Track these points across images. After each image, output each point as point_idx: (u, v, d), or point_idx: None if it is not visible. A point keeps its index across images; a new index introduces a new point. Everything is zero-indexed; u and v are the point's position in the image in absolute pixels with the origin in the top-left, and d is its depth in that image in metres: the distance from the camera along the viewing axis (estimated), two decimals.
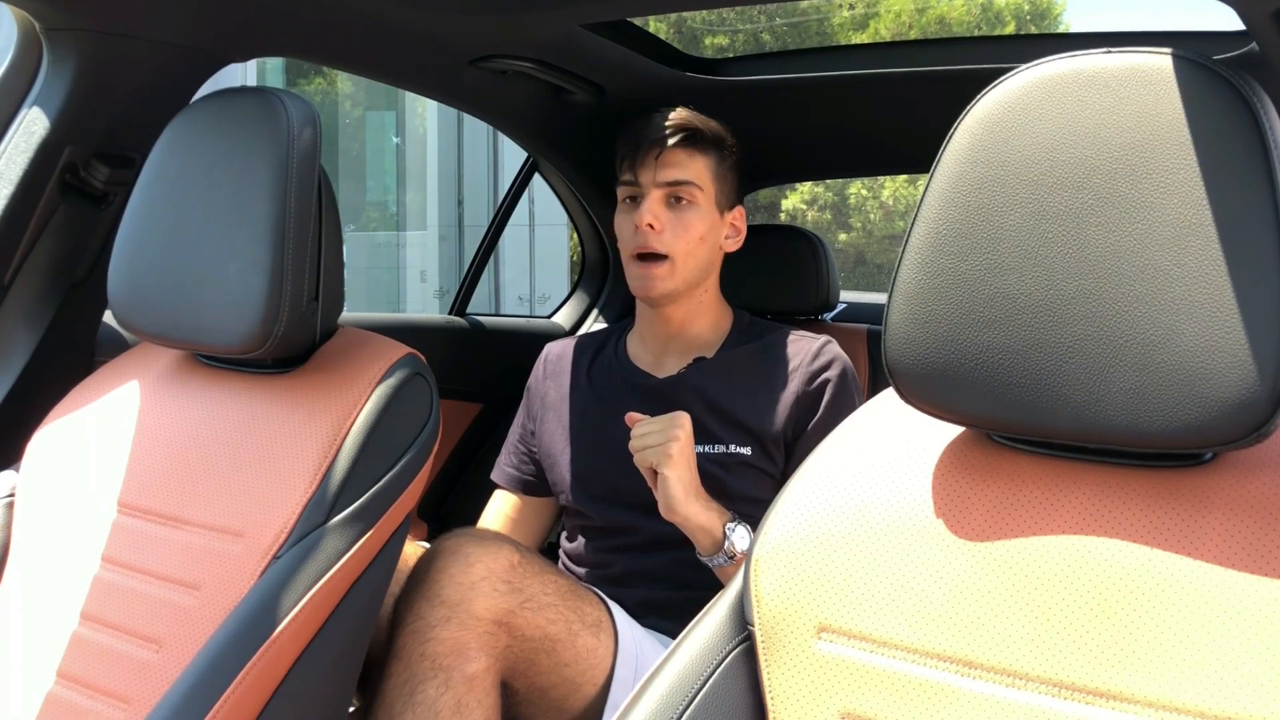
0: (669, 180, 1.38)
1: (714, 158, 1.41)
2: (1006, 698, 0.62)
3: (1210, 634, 0.58)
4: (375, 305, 8.75)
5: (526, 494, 1.52)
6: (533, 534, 1.53)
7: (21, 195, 1.22)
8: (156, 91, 1.27)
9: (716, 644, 0.73)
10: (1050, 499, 0.66)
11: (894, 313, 0.67)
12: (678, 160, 1.38)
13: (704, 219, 1.39)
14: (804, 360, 1.39)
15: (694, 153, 1.39)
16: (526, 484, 1.51)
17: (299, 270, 0.99)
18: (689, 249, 1.38)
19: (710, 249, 1.41)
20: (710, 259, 1.42)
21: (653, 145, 1.38)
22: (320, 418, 1.01)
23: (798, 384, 1.38)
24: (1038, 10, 13.43)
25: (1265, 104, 0.59)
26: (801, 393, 1.37)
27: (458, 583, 1.07)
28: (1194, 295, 0.57)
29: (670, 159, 1.38)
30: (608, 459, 1.40)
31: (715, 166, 1.41)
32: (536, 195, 7.53)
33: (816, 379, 1.37)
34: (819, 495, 0.74)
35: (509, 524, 1.51)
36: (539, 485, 1.50)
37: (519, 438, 1.53)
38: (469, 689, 1.05)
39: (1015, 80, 0.65)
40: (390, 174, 9.31)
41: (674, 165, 1.38)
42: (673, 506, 1.21)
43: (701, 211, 1.39)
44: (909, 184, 13.03)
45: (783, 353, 1.42)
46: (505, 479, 1.53)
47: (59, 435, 1.14)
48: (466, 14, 1.37)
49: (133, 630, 0.98)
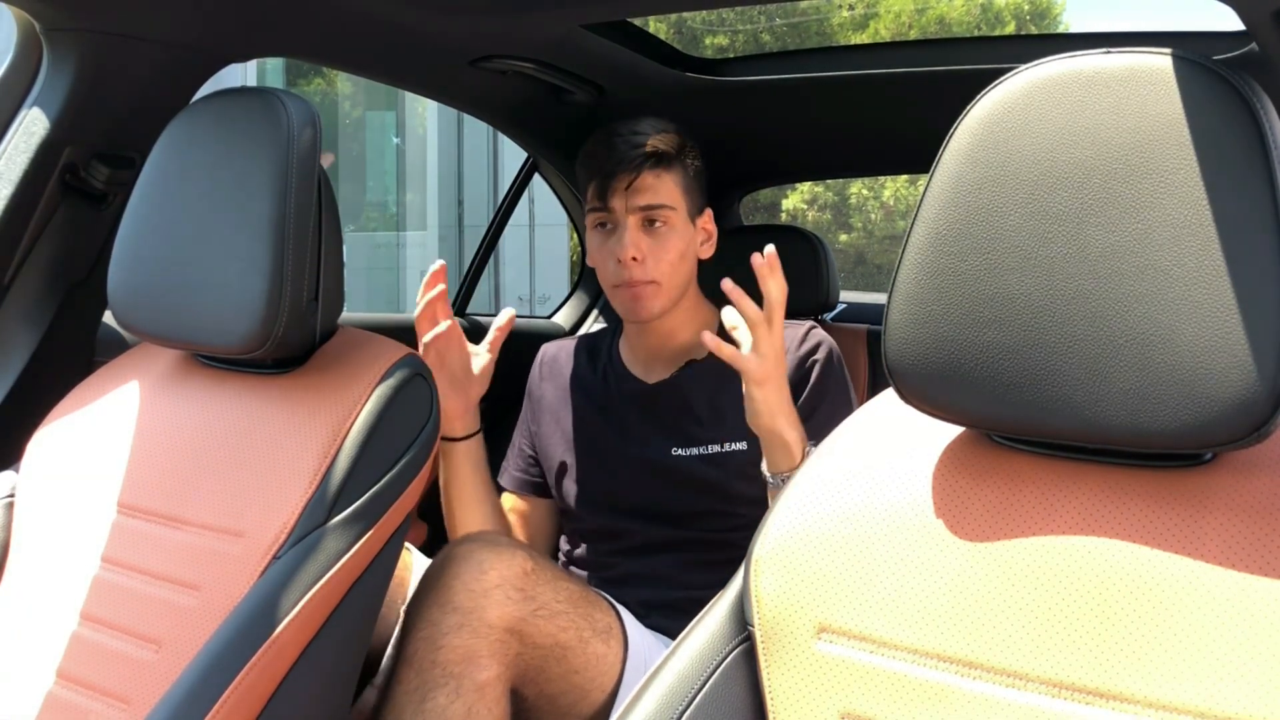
0: (642, 205, 1.35)
1: (679, 172, 1.38)
2: (1006, 698, 0.62)
3: (1210, 634, 0.58)
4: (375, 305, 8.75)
5: (536, 495, 1.51)
6: (545, 535, 1.52)
7: (21, 195, 1.22)
8: (156, 91, 1.27)
9: (716, 644, 0.73)
10: (1050, 499, 0.66)
11: (894, 313, 0.67)
12: (648, 184, 1.35)
13: (681, 237, 1.37)
14: (790, 347, 1.39)
15: (661, 173, 1.36)
16: (535, 486, 1.51)
17: (299, 270, 0.99)
18: (671, 269, 1.36)
19: (690, 262, 1.40)
20: (690, 270, 1.41)
21: (622, 173, 1.34)
22: (320, 418, 1.01)
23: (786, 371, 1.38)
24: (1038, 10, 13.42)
25: (1265, 104, 0.59)
26: (791, 379, 1.37)
27: (470, 590, 1.07)
28: (1194, 295, 0.57)
29: (641, 184, 1.35)
30: (602, 466, 1.41)
31: (683, 180, 1.38)
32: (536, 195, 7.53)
33: (804, 364, 1.37)
34: (818, 495, 0.74)
35: (520, 527, 1.51)
36: (546, 486, 1.50)
37: (524, 440, 1.53)
38: (479, 697, 1.05)
39: (1015, 80, 0.65)
40: (390, 174, 9.31)
41: (645, 190, 1.35)
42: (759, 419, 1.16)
43: (678, 230, 1.37)
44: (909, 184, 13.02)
45: None
46: (513, 483, 1.53)
47: (59, 435, 1.14)
48: (466, 14, 1.37)
49: (132, 630, 0.98)
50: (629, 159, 1.34)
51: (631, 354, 1.48)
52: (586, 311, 2.26)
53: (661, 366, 1.44)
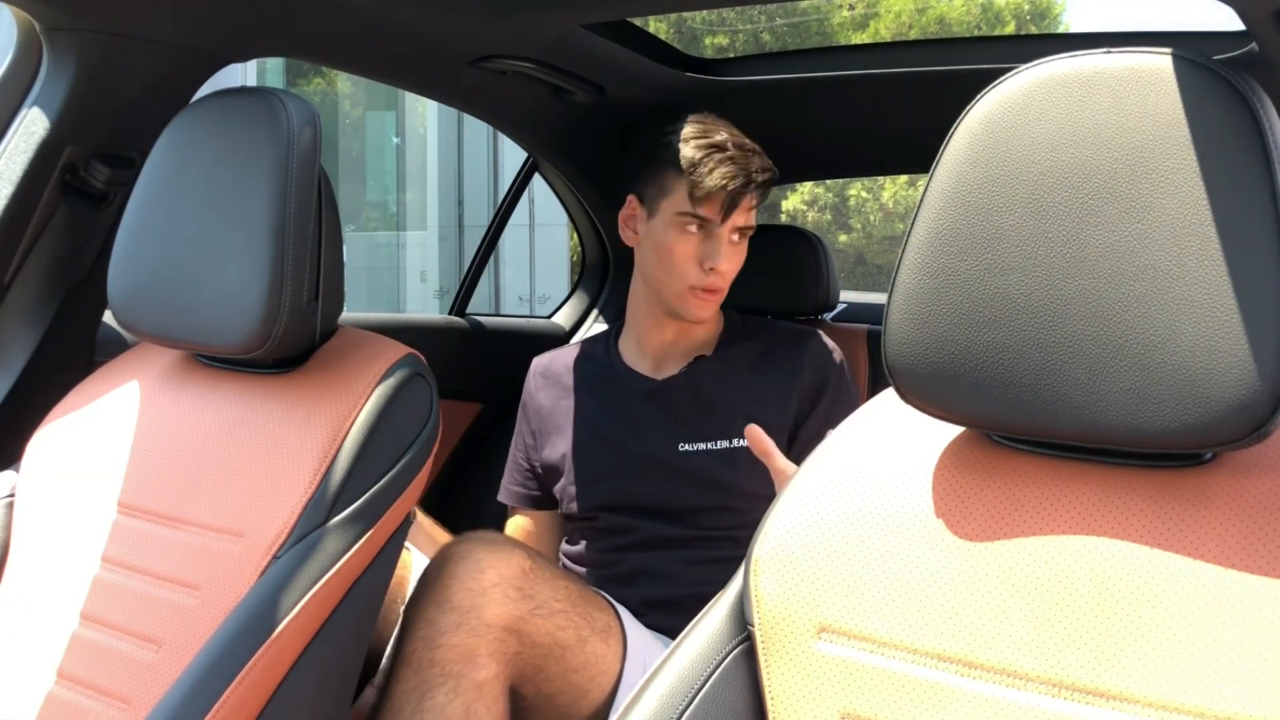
0: (743, 225, 1.37)
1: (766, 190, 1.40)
2: (1006, 698, 0.62)
3: (1210, 634, 0.58)
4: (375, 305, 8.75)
5: (538, 509, 1.51)
6: (552, 547, 1.52)
7: (21, 195, 1.22)
8: (156, 91, 1.27)
9: (716, 644, 0.73)
10: (1050, 499, 0.66)
11: (894, 313, 0.67)
12: (754, 206, 1.38)
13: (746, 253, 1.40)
14: (800, 352, 1.41)
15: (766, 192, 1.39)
16: (535, 499, 1.51)
17: (299, 270, 0.99)
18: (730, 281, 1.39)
19: None
20: None
21: (750, 194, 1.34)
22: (320, 418, 1.01)
23: (795, 376, 1.39)
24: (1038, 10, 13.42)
25: (1265, 104, 0.59)
26: (801, 384, 1.39)
27: (468, 589, 1.07)
28: (1194, 295, 0.57)
29: (750, 203, 1.37)
30: (614, 464, 1.41)
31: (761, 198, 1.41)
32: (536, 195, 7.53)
33: (817, 372, 1.39)
34: (819, 495, 0.74)
35: (527, 541, 1.51)
36: (547, 499, 1.50)
37: (520, 455, 1.53)
38: (478, 696, 1.05)
39: (1015, 80, 0.65)
40: (390, 174, 9.31)
41: (750, 209, 1.37)
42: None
43: (746, 246, 1.40)
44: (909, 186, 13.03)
45: (778, 347, 1.44)
46: (513, 498, 1.53)
47: (59, 435, 1.14)
48: (466, 14, 1.37)
49: (133, 630, 0.98)
50: (754, 182, 1.34)
51: (638, 352, 1.48)
52: (586, 311, 2.26)
53: (672, 363, 1.45)
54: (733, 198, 1.32)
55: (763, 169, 1.35)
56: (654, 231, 1.37)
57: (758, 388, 1.39)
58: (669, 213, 1.36)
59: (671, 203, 1.35)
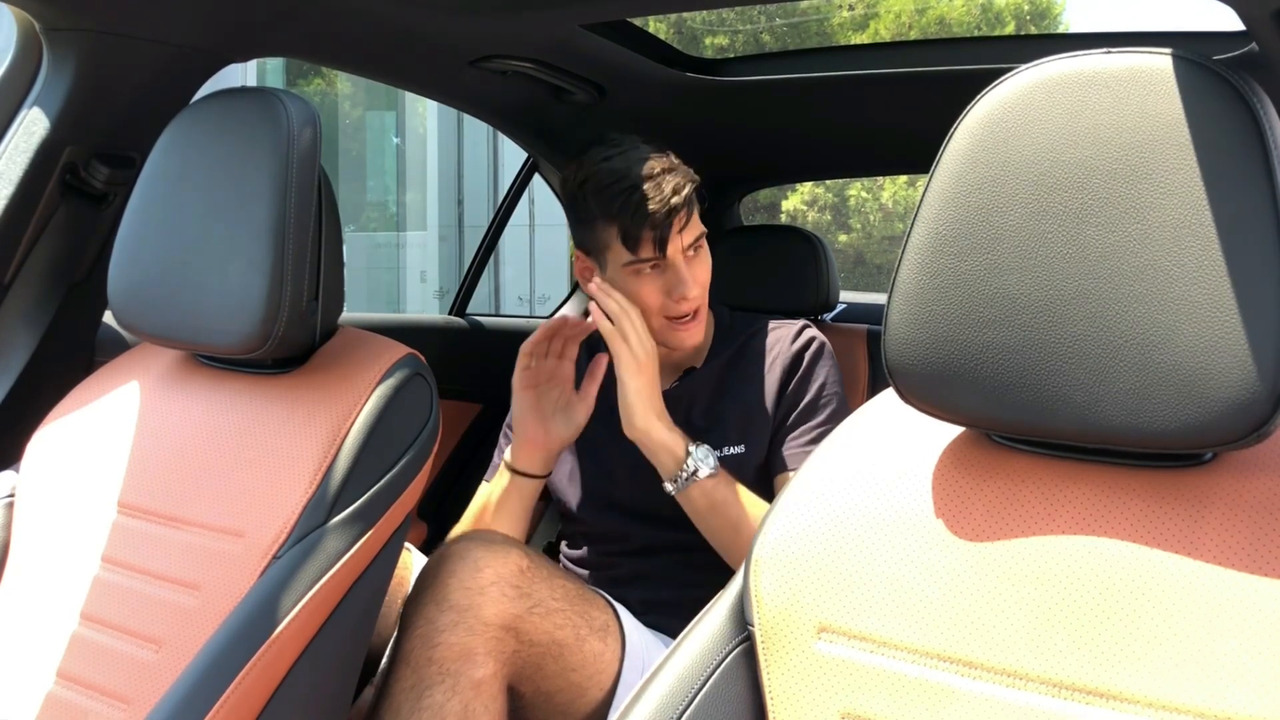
0: (690, 243, 1.32)
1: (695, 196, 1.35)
2: (1006, 698, 0.62)
3: (1210, 634, 0.58)
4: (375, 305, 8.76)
5: None
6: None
7: (21, 195, 1.22)
8: (156, 91, 1.27)
9: (716, 644, 0.73)
10: (1050, 499, 0.66)
11: (894, 313, 0.67)
12: (691, 219, 1.32)
13: (709, 256, 1.37)
14: (784, 346, 1.41)
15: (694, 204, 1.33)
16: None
17: (299, 270, 0.99)
18: (705, 291, 1.36)
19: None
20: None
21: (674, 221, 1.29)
22: (320, 418, 1.01)
23: (781, 370, 1.39)
24: (1038, 10, 13.43)
25: (1265, 104, 0.59)
26: (786, 378, 1.39)
27: (466, 587, 1.07)
28: (1194, 295, 0.57)
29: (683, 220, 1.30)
30: (604, 475, 1.41)
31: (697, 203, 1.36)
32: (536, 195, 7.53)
33: (799, 360, 1.39)
34: (819, 496, 0.74)
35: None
36: None
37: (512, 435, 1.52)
38: (476, 694, 1.05)
39: (1015, 80, 0.65)
40: (390, 174, 9.31)
41: (691, 225, 1.32)
42: (632, 419, 1.24)
43: (706, 251, 1.37)
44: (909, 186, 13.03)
45: (764, 345, 1.44)
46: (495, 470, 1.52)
47: (59, 435, 1.14)
48: (466, 14, 1.37)
49: (133, 630, 0.98)
50: (675, 207, 1.28)
51: None
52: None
53: (664, 377, 1.44)
54: (663, 231, 1.28)
55: (678, 188, 1.28)
56: (614, 283, 1.34)
57: (746, 391, 1.39)
58: (616, 265, 1.33)
59: (614, 254, 1.32)
